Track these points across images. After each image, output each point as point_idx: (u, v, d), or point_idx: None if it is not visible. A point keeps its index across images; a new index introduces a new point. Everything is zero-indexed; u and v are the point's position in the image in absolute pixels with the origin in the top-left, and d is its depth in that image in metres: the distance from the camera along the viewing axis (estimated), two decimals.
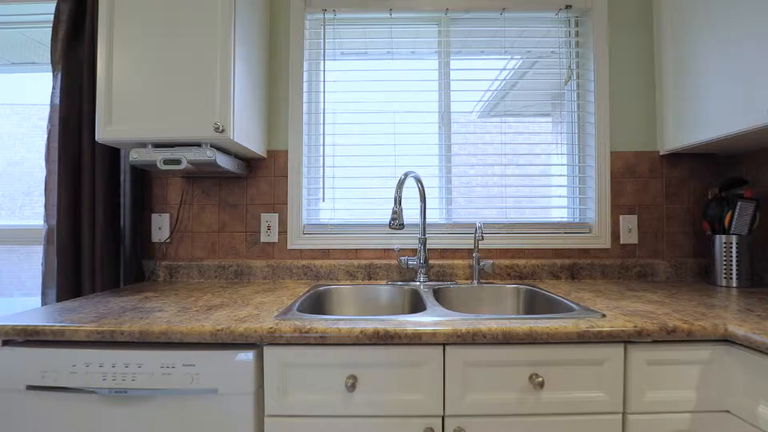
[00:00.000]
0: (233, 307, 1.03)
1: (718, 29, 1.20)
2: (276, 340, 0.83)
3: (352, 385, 0.82)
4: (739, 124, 1.13)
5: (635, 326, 0.83)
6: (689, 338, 0.83)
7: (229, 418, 0.84)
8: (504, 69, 1.62)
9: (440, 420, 0.84)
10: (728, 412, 0.85)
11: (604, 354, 0.84)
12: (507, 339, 0.82)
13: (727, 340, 0.84)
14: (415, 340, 0.82)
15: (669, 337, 0.83)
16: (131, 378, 0.84)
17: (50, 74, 1.90)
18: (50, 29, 1.71)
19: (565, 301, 1.09)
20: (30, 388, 0.86)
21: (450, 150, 1.59)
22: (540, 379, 0.83)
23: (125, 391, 0.84)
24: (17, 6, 1.64)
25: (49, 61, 1.85)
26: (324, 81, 1.59)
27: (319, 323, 0.85)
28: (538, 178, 1.59)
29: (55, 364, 0.86)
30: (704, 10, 1.26)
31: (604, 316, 0.91)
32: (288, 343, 0.84)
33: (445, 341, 0.82)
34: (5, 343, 0.89)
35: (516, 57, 1.63)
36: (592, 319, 0.88)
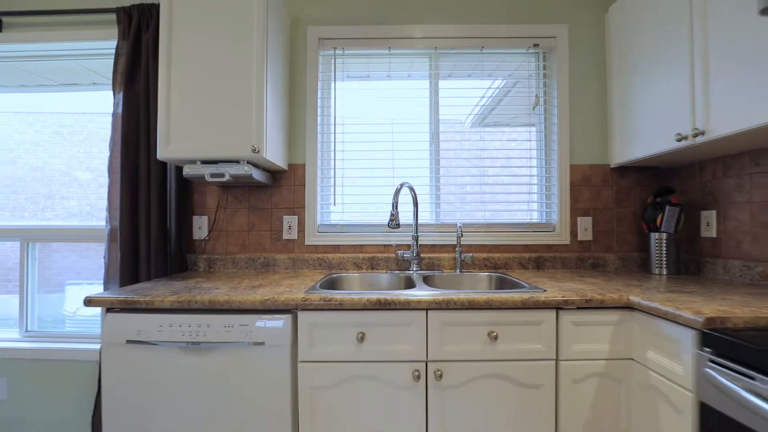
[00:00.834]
0: (270, 286, 1.36)
1: (645, 71, 1.54)
2: (307, 306, 1.16)
3: (361, 338, 1.15)
4: (658, 146, 1.46)
5: (564, 297, 1.16)
6: (602, 305, 1.16)
7: (272, 363, 1.17)
8: (483, 97, 1.95)
9: (424, 364, 1.17)
10: (632, 359, 1.18)
11: (541, 317, 1.17)
12: (471, 305, 1.15)
13: (630, 306, 1.17)
14: (406, 306, 1.15)
15: (587, 305, 1.16)
16: (203, 334, 1.17)
17: (88, 93, 2.26)
18: (102, 59, 2.06)
19: (524, 283, 1.42)
20: (129, 342, 1.19)
21: (438, 163, 1.93)
22: (495, 334, 1.16)
23: (198, 344, 1.17)
24: (80, 43, 1.97)
25: (91, 82, 2.21)
26: (334, 106, 1.92)
27: (338, 295, 1.18)
28: (513, 186, 1.92)
29: (146, 325, 1.19)
30: (635, 59, 1.60)
31: (545, 291, 1.24)
32: (315, 309, 1.17)
33: (428, 307, 1.16)
34: (108, 310, 1.22)
35: (494, 87, 1.96)
36: (535, 293, 1.21)
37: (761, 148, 1.38)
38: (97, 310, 2.01)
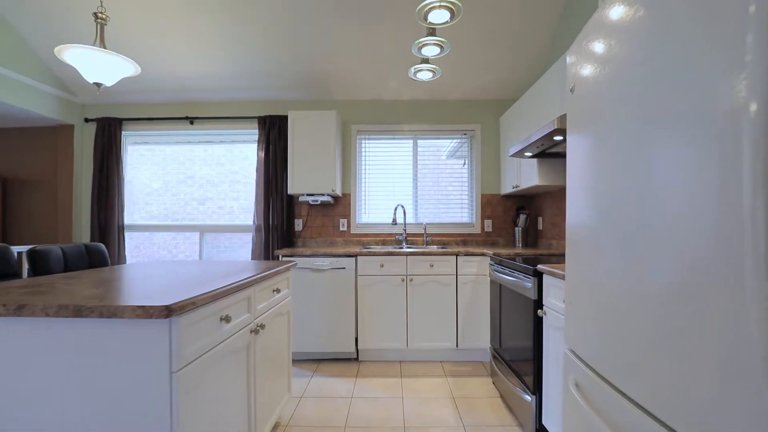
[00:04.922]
0: (343, 249, 3.25)
1: (504, 152, 3.45)
2: (360, 254, 3.06)
3: (382, 266, 3.06)
4: (509, 189, 3.37)
5: (458, 251, 3.06)
6: (474, 254, 3.06)
7: (347, 276, 3.07)
8: (443, 154, 3.85)
9: (406, 276, 3.07)
10: (486, 275, 3.08)
11: (450, 258, 3.07)
12: (423, 254, 3.05)
13: (484, 254, 3.07)
14: (399, 254, 3.05)
15: (468, 254, 3.06)
16: (321, 264, 3.07)
17: (216, 146, 4.12)
18: (238, 135, 3.94)
19: (448, 248, 3.31)
20: (296, 268, 3.10)
21: (417, 190, 3.82)
22: (433, 264, 3.06)
23: (320, 269, 3.07)
24: (236, 129, 3.87)
25: (219, 141, 4.09)
26: (365, 163, 3.82)
27: (373, 250, 3.08)
28: (454, 201, 3.81)
29: (300, 261, 3.09)
30: (502, 144, 3.51)
31: (453, 249, 3.13)
32: (364, 255, 3.07)
33: (407, 255, 3.06)
34: (283, 256, 3.12)
35: (450, 144, 3.86)
36: (449, 250, 3.10)
37: (550, 191, 3.26)
38: None
